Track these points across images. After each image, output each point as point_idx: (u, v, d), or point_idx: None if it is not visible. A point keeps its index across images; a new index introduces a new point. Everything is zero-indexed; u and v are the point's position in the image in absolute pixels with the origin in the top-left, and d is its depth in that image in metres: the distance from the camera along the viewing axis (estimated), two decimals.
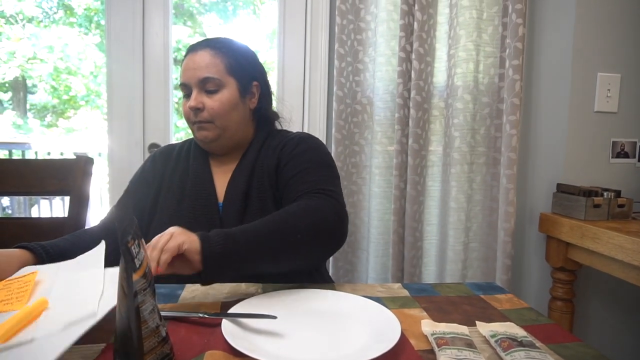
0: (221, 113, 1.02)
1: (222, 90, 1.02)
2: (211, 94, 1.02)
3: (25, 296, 0.72)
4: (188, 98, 1.03)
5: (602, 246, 1.32)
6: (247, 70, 1.07)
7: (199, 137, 1.05)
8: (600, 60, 1.59)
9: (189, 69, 1.02)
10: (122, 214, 0.51)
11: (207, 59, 1.01)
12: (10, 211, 4.77)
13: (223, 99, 1.02)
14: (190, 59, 1.02)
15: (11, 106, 5.95)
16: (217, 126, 1.03)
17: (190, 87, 1.02)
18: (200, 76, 1.00)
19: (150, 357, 0.52)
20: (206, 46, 1.03)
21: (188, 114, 1.04)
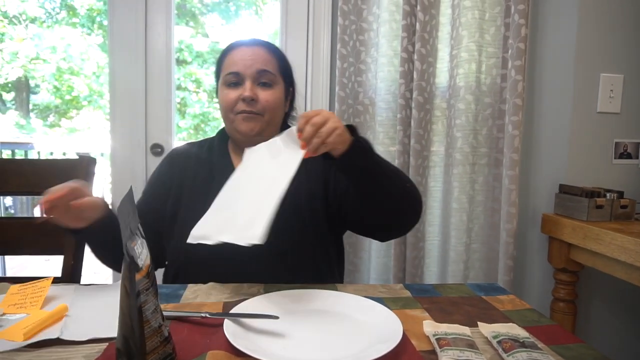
0: (273, 107, 1.03)
1: (274, 86, 1.04)
2: (265, 87, 1.02)
3: (39, 301, 0.74)
4: (233, 87, 1.02)
5: (605, 247, 1.32)
6: (290, 75, 1.10)
7: (244, 128, 1.02)
8: (603, 60, 1.59)
9: (244, 59, 1.01)
10: (126, 213, 0.51)
11: (264, 54, 1.03)
12: (13, 211, 4.78)
13: (276, 94, 1.04)
14: (244, 51, 1.02)
15: (14, 106, 5.97)
16: (265, 120, 1.03)
17: (243, 77, 1.01)
18: (259, 67, 1.01)
19: (152, 356, 0.52)
20: (259, 44, 1.04)
21: (233, 103, 1.02)
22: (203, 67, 5.56)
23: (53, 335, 0.64)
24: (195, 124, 5.61)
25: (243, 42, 1.06)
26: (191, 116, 5.52)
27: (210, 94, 5.65)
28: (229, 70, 1.02)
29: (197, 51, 5.39)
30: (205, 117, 5.63)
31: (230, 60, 1.03)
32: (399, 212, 0.98)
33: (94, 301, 0.78)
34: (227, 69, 1.03)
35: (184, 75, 5.33)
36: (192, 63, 5.42)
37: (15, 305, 0.74)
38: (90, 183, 1.22)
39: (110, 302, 0.74)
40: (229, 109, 1.03)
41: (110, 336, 0.63)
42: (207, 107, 5.65)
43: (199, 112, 5.60)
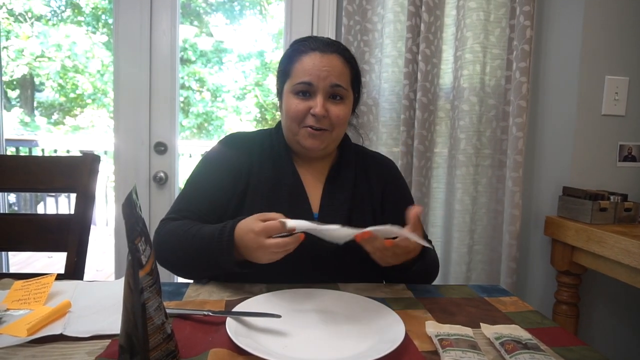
0: (342, 123, 0.98)
1: (345, 100, 0.98)
2: (336, 101, 0.96)
3: (43, 297, 0.74)
4: (302, 97, 0.96)
5: (608, 250, 1.32)
6: (359, 82, 1.06)
7: (310, 144, 0.97)
8: (608, 63, 1.58)
9: (319, 69, 0.94)
10: (130, 211, 0.51)
11: (339, 66, 0.96)
12: (17, 207, 4.81)
13: (347, 109, 0.98)
14: (319, 59, 0.95)
15: (19, 104, 6.00)
16: (332, 136, 0.98)
17: (315, 89, 0.95)
18: (333, 81, 0.94)
19: (155, 353, 0.52)
20: (336, 51, 0.97)
21: (301, 115, 0.95)
22: (207, 66, 5.58)
23: (56, 331, 0.64)
24: (199, 123, 5.63)
25: (318, 45, 0.97)
26: (195, 115, 5.54)
27: (213, 93, 5.66)
28: (301, 79, 0.95)
29: (201, 50, 5.40)
30: (209, 116, 5.64)
31: (302, 67, 0.95)
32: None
33: (97, 298, 0.78)
34: (298, 77, 0.95)
35: (187, 74, 5.34)
36: (196, 62, 5.43)
37: (19, 301, 0.74)
38: (94, 180, 1.23)
39: (113, 299, 0.75)
40: (296, 121, 0.96)
41: (113, 333, 0.63)
42: (211, 106, 5.67)
43: (203, 111, 5.61)
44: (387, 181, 1.08)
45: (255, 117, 5.41)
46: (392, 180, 1.09)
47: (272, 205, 0.94)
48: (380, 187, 1.07)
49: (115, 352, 0.57)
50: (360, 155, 1.11)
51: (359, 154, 1.11)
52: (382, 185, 1.07)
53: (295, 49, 1.00)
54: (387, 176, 1.09)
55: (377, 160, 1.12)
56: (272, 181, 0.99)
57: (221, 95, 5.66)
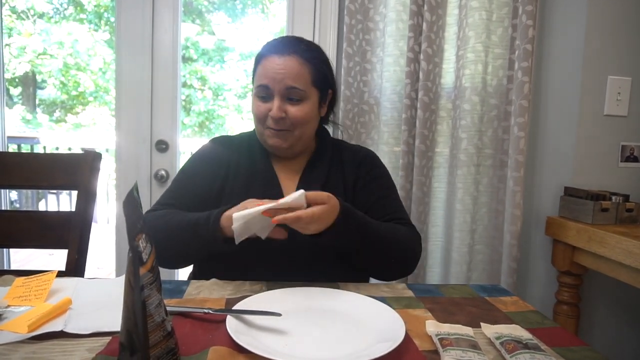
0: (302, 123, 1.00)
1: (305, 100, 1.00)
2: (294, 102, 0.99)
3: (44, 294, 0.74)
4: (264, 99, 0.99)
5: (610, 250, 1.31)
6: (327, 80, 1.06)
7: (272, 143, 1.02)
8: (611, 63, 1.58)
9: (276, 72, 0.97)
10: (131, 209, 0.51)
11: (295, 68, 0.97)
12: (18, 205, 4.81)
13: (306, 109, 1.00)
14: (276, 62, 0.97)
15: (21, 101, 6.00)
16: (294, 135, 1.01)
17: (272, 91, 0.98)
18: (287, 84, 0.97)
19: (155, 351, 0.52)
20: (294, 52, 0.98)
21: (262, 116, 1.00)
22: (209, 65, 5.57)
23: (57, 328, 0.64)
24: (200, 121, 5.62)
25: (276, 47, 1.00)
26: (196, 113, 5.54)
27: (215, 91, 5.66)
28: (260, 82, 0.99)
29: (203, 49, 5.39)
30: (210, 114, 5.64)
31: (262, 70, 0.99)
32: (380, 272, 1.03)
33: (97, 295, 0.78)
34: (258, 80, 1.00)
35: (189, 72, 5.34)
36: (198, 60, 5.43)
37: (19, 298, 0.75)
38: (95, 178, 1.23)
39: (114, 296, 0.75)
40: (259, 121, 1.02)
41: (113, 330, 0.64)
42: (212, 104, 5.66)
43: (204, 110, 5.61)
44: (360, 169, 1.09)
45: None
46: (365, 168, 1.09)
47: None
48: (352, 177, 1.08)
49: (115, 349, 0.57)
50: (338, 148, 1.13)
51: (336, 148, 1.13)
52: (355, 174, 1.08)
53: (260, 52, 1.03)
54: (361, 164, 1.10)
55: (353, 152, 1.13)
56: (248, 178, 1.04)
57: (223, 93, 5.66)
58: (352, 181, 1.07)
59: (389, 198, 1.08)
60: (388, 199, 1.07)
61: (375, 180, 1.09)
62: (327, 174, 1.06)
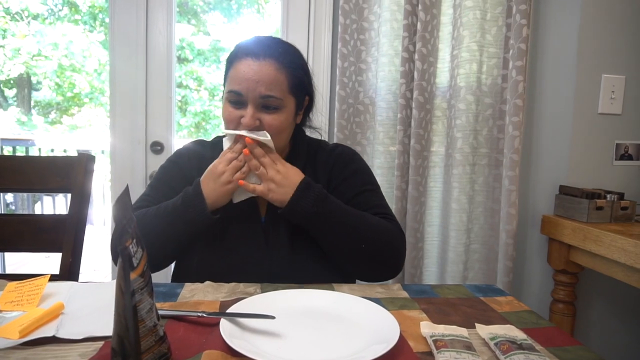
0: (277, 132, 0.94)
1: (281, 109, 0.94)
2: (269, 111, 0.93)
3: (36, 299, 0.74)
4: (235, 105, 0.93)
5: (605, 249, 1.32)
6: (304, 86, 1.00)
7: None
8: (604, 61, 1.58)
9: (249, 79, 0.90)
10: (121, 212, 0.50)
11: (271, 74, 0.91)
12: (14, 207, 4.80)
13: (282, 118, 0.94)
14: (251, 67, 0.91)
15: (15, 103, 5.98)
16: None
17: (245, 98, 0.92)
18: (262, 93, 0.90)
19: (147, 356, 0.52)
20: (270, 56, 0.92)
21: (234, 122, 0.94)
22: (204, 65, 5.57)
23: (49, 333, 0.64)
24: (196, 122, 5.62)
25: (252, 49, 0.92)
26: (192, 114, 5.53)
27: (211, 92, 5.65)
28: (232, 87, 0.92)
29: (199, 49, 5.39)
30: (207, 115, 5.63)
31: (235, 74, 0.92)
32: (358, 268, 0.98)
33: (90, 299, 0.77)
34: (230, 84, 0.93)
35: (185, 73, 5.33)
36: (194, 61, 5.42)
37: (11, 303, 0.74)
38: (89, 180, 1.22)
39: (106, 301, 0.74)
40: (230, 127, 0.95)
41: (106, 335, 0.63)
42: (208, 105, 5.66)
43: (200, 110, 5.61)
44: (333, 169, 1.04)
45: None
46: (338, 167, 1.05)
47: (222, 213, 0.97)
48: (324, 180, 1.03)
49: (107, 354, 0.57)
50: (313, 149, 1.08)
51: (312, 148, 1.08)
52: (328, 174, 1.04)
53: (234, 52, 0.96)
54: (334, 165, 1.05)
55: (327, 152, 1.08)
56: None
57: (218, 94, 5.66)
58: (325, 183, 1.02)
59: (367, 193, 1.03)
60: (366, 194, 1.02)
61: (350, 177, 1.04)
62: None
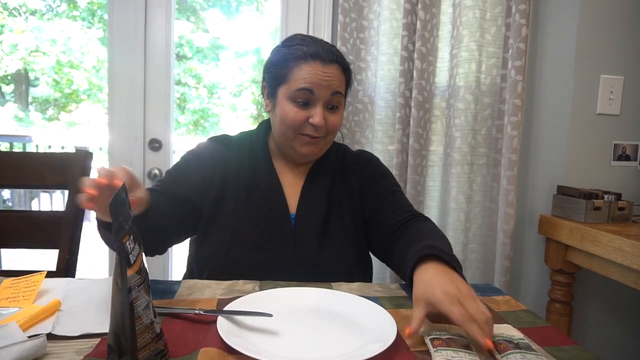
0: (336, 130, 1.01)
1: (340, 108, 1.00)
2: (333, 110, 0.98)
3: (32, 295, 0.74)
4: (301, 106, 0.95)
5: (602, 249, 1.32)
6: (350, 87, 1.07)
7: (306, 151, 0.99)
8: (603, 62, 1.58)
9: (320, 78, 0.94)
10: (118, 209, 0.50)
11: (338, 74, 0.97)
12: (11, 204, 4.78)
13: (341, 117, 1.01)
14: (321, 68, 0.94)
15: (13, 99, 5.95)
16: (327, 141, 1.01)
17: (314, 97, 0.95)
18: (334, 89, 0.96)
19: (143, 353, 0.52)
20: (335, 61, 0.97)
21: (299, 124, 0.96)
22: (203, 63, 5.56)
23: (45, 330, 0.63)
24: (195, 119, 5.61)
25: (318, 53, 0.95)
26: (191, 112, 5.52)
27: (210, 89, 5.64)
28: (301, 85, 0.93)
29: (198, 47, 5.38)
30: (205, 113, 5.62)
31: (303, 73, 0.94)
32: None
33: (87, 296, 0.77)
34: (297, 83, 0.94)
35: (184, 70, 5.32)
36: (193, 58, 5.41)
37: (7, 299, 0.74)
38: (87, 176, 1.22)
39: (103, 297, 0.74)
40: (292, 128, 0.96)
41: (102, 331, 0.63)
42: (207, 103, 5.65)
43: (199, 108, 5.60)
44: (363, 174, 1.09)
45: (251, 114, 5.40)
46: (367, 172, 1.10)
47: (249, 204, 0.98)
48: (357, 183, 1.08)
49: (103, 351, 0.57)
50: (341, 154, 1.12)
51: (339, 153, 1.12)
52: (359, 180, 1.08)
53: (293, 52, 0.96)
54: (364, 170, 1.10)
55: (355, 157, 1.13)
56: (250, 182, 1.01)
57: (217, 91, 5.65)
58: (357, 188, 1.07)
59: (395, 195, 1.08)
60: (395, 195, 1.07)
61: (379, 181, 1.09)
62: (331, 182, 1.05)
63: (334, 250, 0.99)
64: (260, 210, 0.98)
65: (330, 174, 1.06)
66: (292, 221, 1.00)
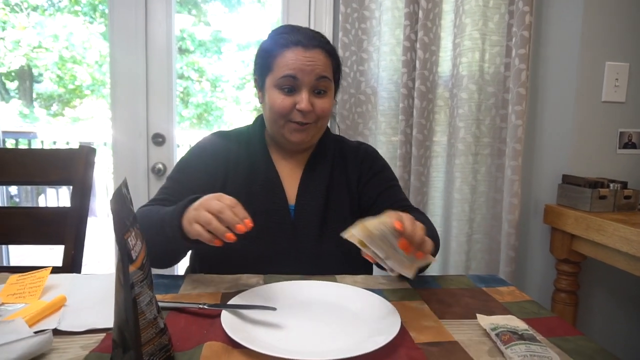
0: (327, 114, 0.99)
1: (328, 92, 0.99)
2: (320, 95, 0.97)
3: (38, 291, 0.74)
4: (287, 92, 0.95)
5: (607, 238, 1.31)
6: (339, 72, 1.06)
7: (296, 138, 0.98)
8: (608, 49, 1.56)
9: (303, 63, 0.93)
10: (119, 205, 0.50)
11: (322, 59, 0.96)
12: (18, 199, 4.82)
13: (330, 101, 0.99)
14: (302, 54, 0.94)
15: (17, 95, 5.97)
16: (317, 127, 1.00)
17: (300, 84, 0.95)
18: (319, 74, 0.95)
19: (148, 347, 0.52)
20: (319, 45, 0.96)
21: (287, 110, 0.95)
22: (205, 56, 5.54)
23: (51, 325, 0.64)
24: (198, 113, 5.60)
25: (300, 39, 0.95)
26: (194, 105, 5.52)
27: (213, 83, 5.63)
28: (285, 72, 0.94)
29: (200, 40, 5.35)
30: (209, 106, 5.62)
31: (286, 60, 0.94)
32: None
33: (92, 291, 0.78)
34: (281, 70, 0.94)
35: (186, 64, 5.30)
36: (195, 52, 5.39)
37: (14, 295, 0.74)
38: (90, 173, 1.22)
39: (108, 292, 0.74)
40: (281, 116, 0.97)
41: (107, 327, 0.63)
42: (210, 96, 5.64)
43: (202, 102, 5.59)
44: (363, 166, 1.09)
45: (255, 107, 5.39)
46: (367, 164, 1.09)
47: (249, 198, 0.97)
48: (356, 174, 1.08)
49: (109, 346, 0.57)
50: (339, 145, 1.12)
51: (337, 144, 1.12)
52: (358, 171, 1.08)
53: (276, 41, 0.98)
54: (363, 161, 1.10)
55: (354, 148, 1.12)
56: (248, 174, 1.02)
57: (220, 85, 5.64)
58: (356, 179, 1.07)
59: (394, 188, 1.09)
60: (393, 189, 1.08)
61: (378, 174, 1.09)
62: (330, 173, 1.05)
63: (333, 241, 0.97)
64: (260, 203, 0.98)
65: (329, 165, 1.06)
66: (292, 212, 1.00)
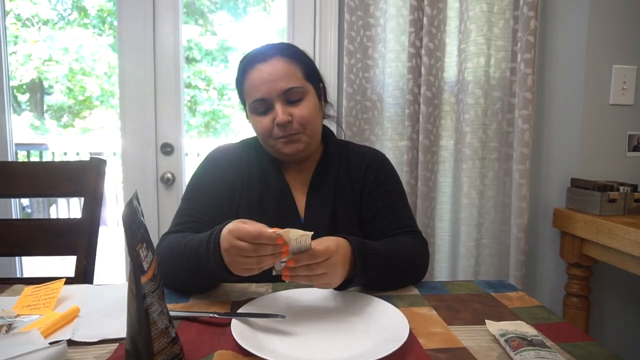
0: (310, 119, 0.96)
1: (306, 97, 0.96)
2: (295, 103, 0.95)
3: (52, 303, 0.76)
4: (264, 114, 0.95)
5: (618, 242, 1.30)
6: (316, 73, 1.03)
7: (289, 150, 0.97)
8: (615, 52, 1.55)
9: (265, 81, 0.93)
10: (130, 217, 0.51)
11: (283, 68, 0.94)
12: (30, 210, 4.88)
13: (309, 105, 0.96)
14: (261, 70, 0.93)
15: (29, 107, 6.06)
16: (307, 134, 0.97)
17: (270, 101, 0.94)
18: (282, 87, 0.93)
19: (160, 357, 0.53)
20: (276, 54, 0.95)
21: (269, 129, 0.95)
22: (212, 65, 5.59)
23: (65, 336, 0.65)
24: (206, 121, 5.65)
25: (258, 57, 0.95)
26: (202, 114, 5.56)
27: (220, 91, 5.67)
28: (254, 97, 0.95)
29: (207, 49, 5.41)
30: (216, 114, 5.66)
31: (251, 84, 0.95)
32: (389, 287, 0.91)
33: (104, 301, 0.79)
34: (251, 96, 0.96)
35: (193, 73, 5.35)
36: (202, 61, 5.45)
37: (28, 307, 0.76)
38: (101, 184, 1.24)
39: (120, 303, 0.75)
40: (267, 137, 0.97)
41: (120, 337, 0.64)
42: (218, 104, 5.68)
43: (210, 110, 5.63)
44: (367, 174, 1.06)
45: None
46: (372, 173, 1.06)
47: (262, 214, 0.97)
48: (360, 182, 1.05)
49: (122, 356, 0.58)
50: (344, 151, 1.09)
51: (343, 150, 1.09)
52: (362, 179, 1.05)
53: (240, 69, 0.99)
54: (368, 169, 1.06)
55: (360, 154, 1.09)
56: (261, 190, 1.01)
57: (227, 93, 5.68)
58: (360, 187, 1.05)
59: (395, 204, 1.04)
60: (394, 204, 1.04)
61: (381, 187, 1.05)
62: (335, 182, 1.03)
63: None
64: (272, 216, 0.98)
65: (335, 172, 1.04)
66: (302, 220, 1.01)
